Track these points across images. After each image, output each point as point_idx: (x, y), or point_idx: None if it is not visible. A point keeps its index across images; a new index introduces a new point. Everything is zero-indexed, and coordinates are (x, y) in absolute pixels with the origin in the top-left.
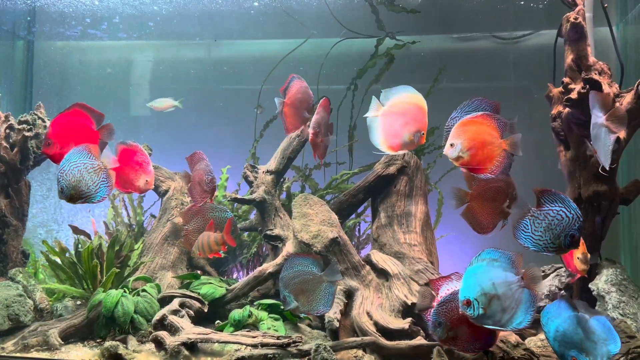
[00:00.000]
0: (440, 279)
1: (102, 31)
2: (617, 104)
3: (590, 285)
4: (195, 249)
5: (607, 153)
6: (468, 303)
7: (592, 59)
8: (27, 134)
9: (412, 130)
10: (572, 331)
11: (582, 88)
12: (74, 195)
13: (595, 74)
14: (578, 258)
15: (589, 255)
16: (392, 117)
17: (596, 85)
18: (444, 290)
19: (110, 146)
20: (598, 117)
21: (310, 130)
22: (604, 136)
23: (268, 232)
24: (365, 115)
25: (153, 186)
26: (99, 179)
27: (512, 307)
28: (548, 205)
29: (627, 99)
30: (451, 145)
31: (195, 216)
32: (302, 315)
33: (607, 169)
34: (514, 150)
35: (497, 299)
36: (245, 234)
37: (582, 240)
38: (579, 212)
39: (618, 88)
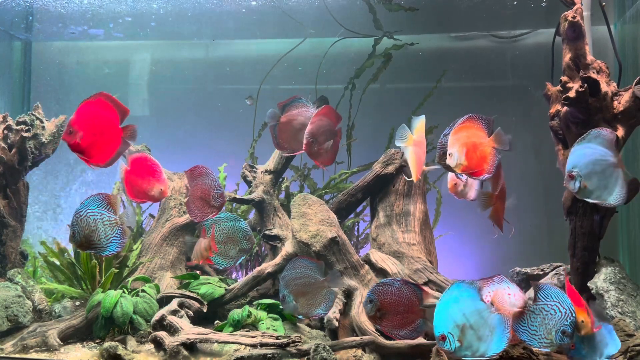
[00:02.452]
0: (482, 280)
1: (100, 31)
2: (615, 103)
3: (589, 284)
4: (193, 257)
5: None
6: (443, 338)
7: (590, 57)
8: (25, 134)
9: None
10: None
11: (580, 87)
12: (84, 243)
13: (593, 72)
14: (582, 322)
15: (590, 323)
16: (421, 146)
17: (594, 84)
18: (485, 293)
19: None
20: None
21: (304, 141)
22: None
23: (267, 232)
24: (398, 144)
25: (168, 194)
26: (113, 233)
27: (487, 334)
28: (544, 300)
29: (625, 97)
30: (449, 155)
31: (210, 227)
32: (301, 317)
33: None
34: (502, 146)
35: (470, 329)
36: None
37: (583, 305)
38: (573, 308)
39: (616, 86)
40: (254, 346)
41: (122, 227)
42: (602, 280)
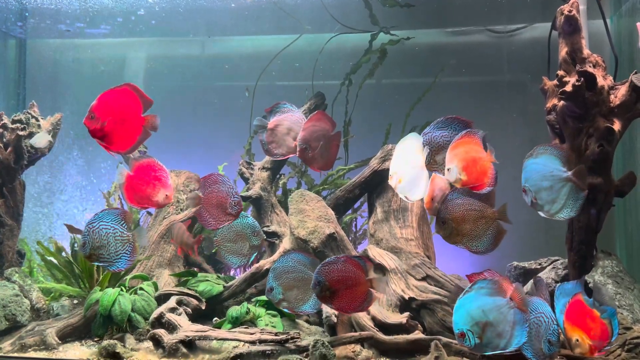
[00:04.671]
0: (474, 275)
1: (95, 28)
2: (612, 97)
3: (586, 278)
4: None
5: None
6: (462, 335)
7: (586, 51)
8: (20, 133)
9: None
10: None
11: (577, 81)
12: (93, 255)
13: (590, 66)
14: (576, 341)
15: (587, 343)
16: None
17: (591, 78)
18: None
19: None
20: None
21: (297, 147)
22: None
23: (264, 229)
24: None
25: (173, 200)
26: (123, 250)
27: (507, 330)
28: (533, 314)
29: (622, 91)
30: (448, 170)
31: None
32: (285, 310)
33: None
34: (497, 159)
35: (490, 325)
36: None
37: (584, 324)
38: (554, 315)
39: (612, 80)
40: (252, 343)
41: (134, 244)
42: (599, 273)
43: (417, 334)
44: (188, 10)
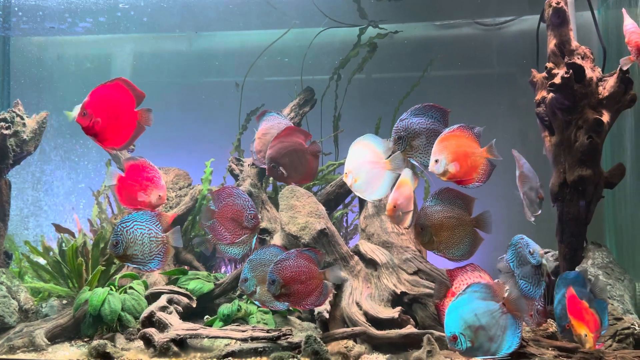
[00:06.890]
0: (456, 270)
1: (80, 25)
2: (600, 88)
3: (577, 269)
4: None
5: (533, 204)
6: (454, 338)
7: (574, 43)
8: (5, 132)
9: None
10: None
11: (566, 73)
12: (123, 255)
13: (578, 58)
14: (585, 336)
15: (591, 337)
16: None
17: (579, 70)
18: (459, 282)
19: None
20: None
21: (266, 166)
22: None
23: None
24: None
25: (166, 200)
26: (157, 251)
27: (499, 334)
28: (515, 254)
29: (610, 82)
30: (435, 161)
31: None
32: (257, 304)
33: (532, 219)
34: (495, 156)
35: (482, 329)
36: None
37: (585, 318)
38: (520, 236)
39: (601, 72)
40: (244, 340)
41: (167, 246)
42: (590, 265)
43: (410, 328)
44: (175, 6)
